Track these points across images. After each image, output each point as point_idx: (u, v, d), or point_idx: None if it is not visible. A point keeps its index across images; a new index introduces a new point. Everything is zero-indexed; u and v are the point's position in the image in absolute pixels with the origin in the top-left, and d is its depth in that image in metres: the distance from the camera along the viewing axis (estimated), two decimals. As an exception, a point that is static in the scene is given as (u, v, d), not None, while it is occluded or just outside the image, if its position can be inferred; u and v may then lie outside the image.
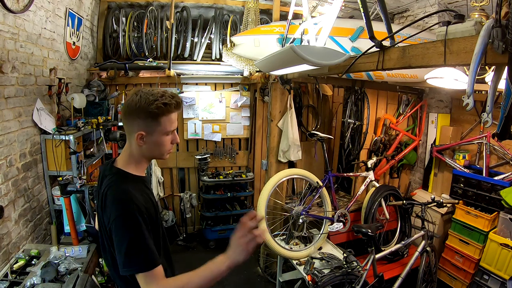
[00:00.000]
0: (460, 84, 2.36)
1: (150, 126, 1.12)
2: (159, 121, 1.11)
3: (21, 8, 2.18)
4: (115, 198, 1.09)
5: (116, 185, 1.13)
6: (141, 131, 1.12)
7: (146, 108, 1.08)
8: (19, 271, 2.05)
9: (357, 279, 2.24)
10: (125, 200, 1.08)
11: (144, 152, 1.18)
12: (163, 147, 1.18)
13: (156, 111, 1.09)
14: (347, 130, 3.66)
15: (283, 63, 2.07)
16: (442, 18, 3.24)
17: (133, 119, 1.13)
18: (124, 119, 1.17)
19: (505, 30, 1.07)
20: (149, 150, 1.17)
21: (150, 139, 1.14)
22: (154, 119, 1.11)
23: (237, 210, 4.12)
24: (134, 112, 1.11)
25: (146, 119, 1.10)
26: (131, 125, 1.14)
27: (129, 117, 1.14)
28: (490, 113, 1.28)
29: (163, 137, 1.15)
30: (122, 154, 1.22)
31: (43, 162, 2.59)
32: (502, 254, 2.59)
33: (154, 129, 1.12)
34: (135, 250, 1.04)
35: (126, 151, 1.21)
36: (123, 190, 1.11)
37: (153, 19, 3.82)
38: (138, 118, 1.11)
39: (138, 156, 1.19)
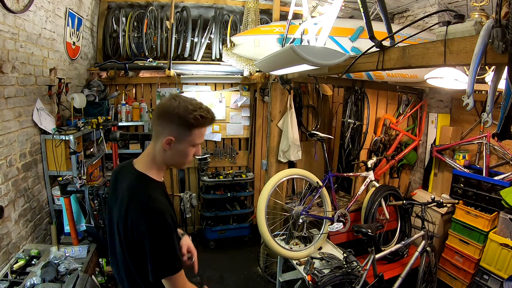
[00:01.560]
0: (460, 84, 2.36)
1: (181, 134, 1.11)
2: (191, 132, 1.11)
3: (21, 8, 2.18)
4: (144, 207, 1.07)
5: (142, 191, 1.11)
6: (171, 136, 1.10)
7: (184, 116, 1.07)
8: (19, 271, 2.05)
9: (357, 279, 2.24)
10: (156, 210, 1.07)
11: (167, 158, 1.16)
12: (186, 158, 1.17)
13: (192, 121, 1.08)
14: (347, 130, 3.66)
15: (283, 63, 2.07)
16: (442, 18, 3.24)
17: (167, 123, 1.11)
18: (156, 119, 1.14)
19: (505, 30, 1.07)
20: (172, 157, 1.16)
21: (177, 147, 1.12)
22: (187, 129, 1.10)
23: (237, 210, 4.12)
24: (170, 116, 1.09)
25: (179, 126, 1.10)
26: (162, 128, 1.12)
27: (163, 120, 1.11)
28: (490, 113, 1.28)
29: (189, 148, 1.15)
30: (143, 157, 1.19)
31: (43, 162, 2.59)
32: (502, 254, 2.59)
33: (184, 138, 1.12)
34: (169, 258, 1.07)
35: (148, 154, 1.18)
36: (152, 197, 1.09)
37: (153, 19, 3.82)
38: (172, 123, 1.10)
39: (161, 160, 1.17)
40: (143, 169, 1.16)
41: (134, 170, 1.17)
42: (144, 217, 1.05)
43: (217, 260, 3.81)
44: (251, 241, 4.18)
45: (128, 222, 1.08)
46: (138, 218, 1.06)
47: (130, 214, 1.07)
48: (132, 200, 1.09)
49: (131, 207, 1.08)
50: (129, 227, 1.07)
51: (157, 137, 1.13)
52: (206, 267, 3.60)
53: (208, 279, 3.41)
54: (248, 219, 4.22)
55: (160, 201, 1.10)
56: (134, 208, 1.07)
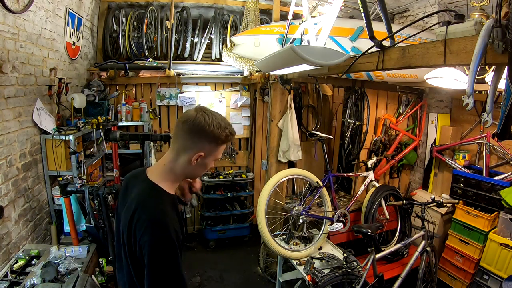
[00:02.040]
0: (460, 84, 2.36)
1: (211, 150, 1.11)
2: (218, 148, 1.13)
3: (21, 8, 2.18)
4: (152, 219, 1.03)
5: (150, 201, 1.08)
6: (202, 152, 1.09)
7: (217, 134, 1.07)
8: (19, 271, 2.05)
9: (357, 279, 2.24)
10: (162, 223, 1.03)
11: (189, 171, 1.14)
12: (204, 170, 1.18)
13: (223, 138, 1.09)
14: (347, 130, 3.66)
15: (283, 63, 2.07)
16: (442, 18, 3.24)
17: (199, 139, 1.09)
18: (186, 134, 1.09)
19: (505, 30, 1.07)
20: (195, 171, 1.16)
21: (203, 161, 1.12)
22: (217, 145, 1.11)
23: (237, 210, 4.12)
24: (204, 133, 1.07)
25: (211, 143, 1.09)
26: (192, 143, 1.09)
27: (195, 136, 1.08)
28: (490, 113, 1.28)
29: (211, 162, 1.16)
30: (158, 167, 1.16)
31: (43, 162, 2.59)
32: (502, 254, 2.59)
33: (212, 153, 1.12)
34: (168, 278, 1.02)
35: (165, 164, 1.14)
36: (161, 211, 1.06)
37: (153, 19, 3.82)
38: (204, 139, 1.08)
39: (181, 173, 1.14)
40: (156, 179, 1.12)
41: (147, 179, 1.13)
42: (148, 228, 1.01)
43: (217, 260, 3.81)
44: (251, 241, 4.18)
45: (132, 231, 1.05)
46: (142, 228, 1.02)
47: (135, 223, 1.04)
48: (139, 209, 1.05)
49: (137, 216, 1.04)
50: (133, 236, 1.04)
51: (184, 150, 1.10)
52: (206, 267, 3.60)
53: (208, 279, 3.41)
54: (248, 219, 4.22)
55: (168, 215, 1.06)
56: (140, 218, 1.03)
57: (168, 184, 1.13)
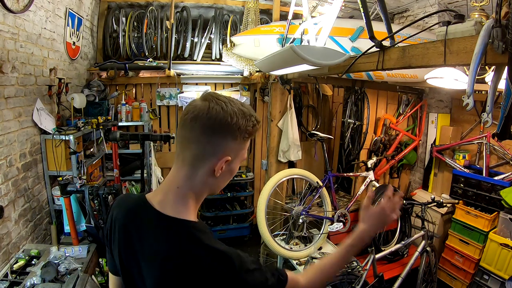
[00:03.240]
0: (460, 84, 2.36)
1: (237, 149, 0.80)
2: (245, 144, 0.82)
3: (21, 8, 2.18)
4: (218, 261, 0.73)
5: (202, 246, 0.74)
6: (228, 156, 0.78)
7: (244, 126, 0.77)
8: (19, 271, 2.05)
9: (357, 279, 2.24)
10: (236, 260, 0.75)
11: (215, 185, 0.84)
12: (230, 178, 0.87)
13: (251, 130, 0.79)
14: (347, 130, 3.66)
15: (283, 63, 2.07)
16: (442, 18, 3.24)
17: (222, 138, 0.77)
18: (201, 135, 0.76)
19: (505, 30, 1.07)
20: (221, 182, 0.85)
21: (229, 167, 0.82)
22: (243, 141, 0.80)
23: (237, 210, 4.12)
24: (226, 127, 0.75)
25: (236, 139, 0.78)
26: (213, 146, 0.77)
27: (214, 134, 0.76)
28: (490, 113, 1.28)
29: (238, 165, 0.85)
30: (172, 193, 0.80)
31: (43, 162, 2.58)
32: (502, 254, 2.59)
33: (239, 153, 0.82)
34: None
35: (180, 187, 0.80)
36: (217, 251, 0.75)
37: (153, 19, 3.82)
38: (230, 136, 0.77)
39: (202, 191, 0.82)
40: (175, 211, 0.78)
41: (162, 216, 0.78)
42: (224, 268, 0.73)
43: None
44: (251, 241, 4.18)
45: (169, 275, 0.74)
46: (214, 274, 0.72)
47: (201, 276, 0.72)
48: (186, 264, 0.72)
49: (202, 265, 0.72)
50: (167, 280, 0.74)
51: (202, 159, 0.78)
52: (206, 267, 3.59)
53: (208, 279, 3.41)
54: (248, 219, 4.22)
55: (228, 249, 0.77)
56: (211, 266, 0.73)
57: (193, 210, 0.81)
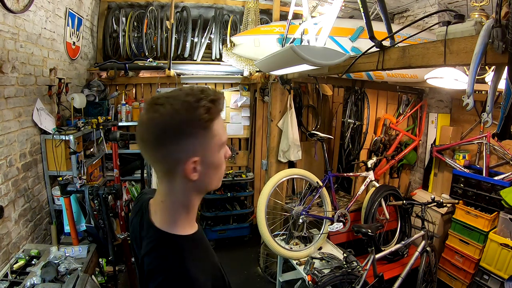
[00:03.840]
0: (460, 84, 2.36)
1: (205, 143, 0.72)
2: (212, 131, 0.72)
3: (21, 8, 2.18)
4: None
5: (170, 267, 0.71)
6: (194, 156, 0.71)
7: (192, 116, 0.68)
8: (19, 271, 2.05)
9: (357, 279, 2.24)
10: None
11: (199, 188, 0.77)
12: (222, 168, 0.78)
13: (207, 116, 0.69)
14: (347, 130, 3.66)
15: (283, 63, 2.07)
16: (442, 18, 3.24)
17: (175, 143, 0.69)
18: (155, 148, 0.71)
19: (505, 30, 1.07)
20: (207, 182, 0.76)
21: (205, 164, 0.73)
22: (207, 130, 0.71)
23: (237, 210, 4.12)
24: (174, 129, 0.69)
25: (197, 134, 0.70)
26: (168, 157, 0.71)
27: (166, 143, 0.69)
28: (490, 113, 1.28)
29: (221, 153, 0.76)
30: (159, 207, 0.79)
31: (43, 162, 2.59)
32: (502, 254, 2.59)
33: (209, 145, 0.73)
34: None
35: (163, 201, 0.77)
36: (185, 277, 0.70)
37: (153, 19, 3.82)
38: (180, 138, 0.69)
39: (190, 199, 0.77)
40: (165, 225, 0.76)
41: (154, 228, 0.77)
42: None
43: None
44: (251, 241, 4.18)
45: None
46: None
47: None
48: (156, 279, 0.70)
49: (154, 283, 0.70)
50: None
51: (169, 172, 0.73)
52: (206, 267, 3.59)
53: (208, 279, 3.41)
54: (248, 219, 4.22)
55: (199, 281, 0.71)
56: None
57: (182, 222, 0.78)
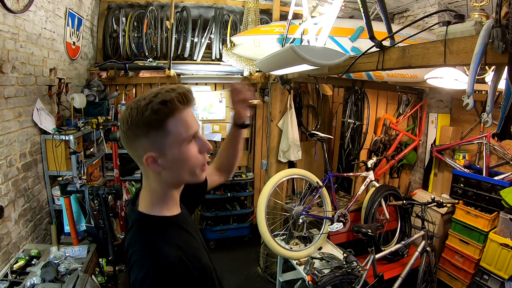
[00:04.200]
0: (460, 84, 2.36)
1: (158, 140, 0.80)
2: (167, 129, 0.79)
3: (21, 8, 2.18)
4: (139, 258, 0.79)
5: (139, 239, 0.83)
6: (149, 152, 0.80)
7: (142, 119, 0.77)
8: (19, 271, 2.05)
9: (357, 279, 2.24)
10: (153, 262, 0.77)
11: (167, 181, 0.86)
12: (190, 162, 0.84)
13: (154, 117, 0.77)
14: (347, 130, 3.66)
15: (283, 63, 2.07)
16: (442, 18, 3.24)
17: (132, 142, 0.81)
18: (125, 146, 0.85)
19: (505, 30, 1.07)
20: (173, 176, 0.85)
21: (166, 159, 0.81)
22: (159, 129, 0.79)
23: (237, 210, 4.12)
24: (130, 131, 0.80)
25: (148, 134, 0.79)
26: (134, 151, 0.83)
27: (128, 142, 0.82)
28: (490, 113, 1.28)
29: (183, 150, 0.82)
30: (143, 192, 0.91)
31: (43, 162, 2.59)
32: (502, 254, 2.59)
33: (164, 142, 0.80)
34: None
35: (145, 187, 0.90)
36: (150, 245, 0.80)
37: (153, 19, 3.82)
38: (137, 137, 0.80)
39: (162, 188, 0.87)
40: (144, 207, 0.88)
41: (135, 211, 0.89)
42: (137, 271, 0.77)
43: (217, 260, 3.75)
44: (251, 241, 4.18)
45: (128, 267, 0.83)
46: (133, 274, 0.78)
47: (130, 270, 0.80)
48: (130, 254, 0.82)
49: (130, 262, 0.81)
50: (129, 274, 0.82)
51: (140, 164, 0.85)
52: (206, 267, 3.59)
53: (208, 279, 3.41)
54: (248, 219, 4.22)
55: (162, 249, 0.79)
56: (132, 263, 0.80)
57: (158, 207, 0.87)
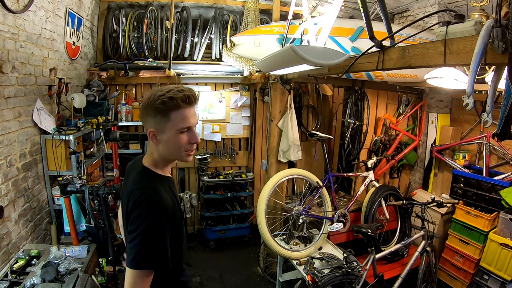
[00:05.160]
0: (460, 84, 2.36)
1: (160, 123, 1.11)
2: (169, 117, 1.10)
3: (21, 8, 2.18)
4: (144, 197, 1.08)
5: (145, 183, 1.14)
6: (152, 128, 1.12)
7: (153, 104, 1.09)
8: (19, 271, 2.05)
9: (357, 279, 2.24)
10: (154, 200, 1.08)
11: (161, 152, 1.17)
12: (178, 147, 1.14)
13: (161, 106, 1.08)
14: (347, 130, 3.66)
15: (283, 63, 2.07)
16: (442, 18, 3.24)
17: (145, 118, 1.15)
18: (141, 119, 1.20)
19: (505, 30, 1.07)
20: (165, 150, 1.16)
21: (163, 138, 1.13)
22: (163, 116, 1.09)
23: (237, 210, 4.12)
24: (145, 110, 1.13)
25: (156, 116, 1.10)
26: (145, 124, 1.16)
27: (142, 116, 1.16)
28: (490, 113, 1.28)
29: (177, 135, 1.12)
30: (147, 156, 1.23)
31: (43, 162, 2.59)
32: (502, 254, 2.59)
33: (165, 126, 1.11)
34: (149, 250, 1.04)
35: (149, 150, 1.22)
36: (153, 189, 1.11)
37: (153, 19, 3.82)
38: (148, 115, 1.12)
39: (158, 156, 1.18)
40: (147, 164, 1.20)
41: (141, 165, 1.21)
42: (139, 205, 1.07)
43: (217, 260, 3.81)
44: (251, 241, 4.18)
45: (128, 211, 1.11)
46: (135, 205, 1.08)
47: (130, 203, 1.10)
48: (133, 191, 1.11)
49: (132, 197, 1.10)
50: (129, 216, 1.10)
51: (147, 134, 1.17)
52: (206, 267, 3.60)
53: (208, 279, 3.41)
54: (248, 219, 4.22)
55: (161, 194, 1.10)
56: (134, 197, 1.09)
57: (158, 167, 1.20)
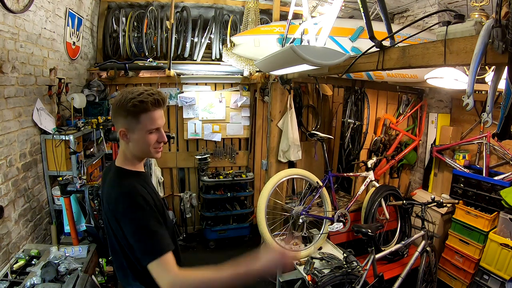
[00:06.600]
0: (460, 84, 2.36)
1: (131, 124, 1.15)
2: (139, 119, 1.14)
3: (21, 8, 2.18)
4: (120, 193, 1.13)
5: (118, 181, 1.19)
6: (122, 128, 1.16)
7: (125, 106, 1.12)
8: (19, 271, 2.05)
9: (357, 279, 2.24)
10: (130, 192, 1.12)
11: (132, 150, 1.21)
12: (147, 145, 1.19)
13: (132, 109, 1.12)
14: (347, 130, 3.66)
15: (283, 63, 2.07)
16: (442, 18, 3.24)
17: (116, 118, 1.18)
18: (112, 118, 1.25)
19: (505, 30, 1.07)
20: (135, 148, 1.20)
21: (133, 137, 1.17)
22: (133, 117, 1.14)
23: (237, 210, 4.12)
24: (116, 110, 1.16)
25: (126, 118, 1.14)
26: (116, 123, 1.20)
27: (113, 116, 1.20)
28: (490, 113, 1.28)
29: (146, 135, 1.17)
30: (119, 153, 1.28)
31: (43, 162, 2.58)
32: (502, 254, 2.59)
33: (135, 127, 1.15)
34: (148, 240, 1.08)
35: (120, 149, 1.27)
36: (127, 183, 1.16)
37: (153, 19, 3.82)
38: (119, 116, 1.16)
39: (129, 154, 1.23)
40: (119, 163, 1.24)
41: (114, 165, 1.26)
42: (118, 200, 1.12)
43: (217, 260, 3.72)
44: (251, 241, 4.18)
45: (110, 211, 1.15)
46: (113, 203, 1.13)
47: (110, 203, 1.14)
48: (110, 192, 1.16)
49: (111, 198, 1.14)
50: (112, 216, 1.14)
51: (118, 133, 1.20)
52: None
53: (208, 279, 3.41)
54: (248, 219, 4.22)
55: (136, 186, 1.15)
56: (113, 198, 1.13)
57: (129, 164, 1.24)
